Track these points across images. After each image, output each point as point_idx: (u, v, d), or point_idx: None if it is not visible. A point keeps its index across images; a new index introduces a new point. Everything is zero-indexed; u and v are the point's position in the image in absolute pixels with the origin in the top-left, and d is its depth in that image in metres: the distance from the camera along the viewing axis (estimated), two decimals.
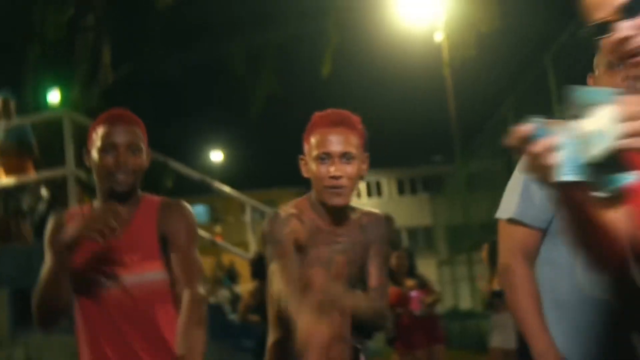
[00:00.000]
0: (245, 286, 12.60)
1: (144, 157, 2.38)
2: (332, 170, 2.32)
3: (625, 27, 1.49)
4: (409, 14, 16.59)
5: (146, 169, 2.45)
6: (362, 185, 36.39)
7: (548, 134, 1.33)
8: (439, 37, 16.53)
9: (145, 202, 2.44)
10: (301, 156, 2.44)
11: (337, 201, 2.36)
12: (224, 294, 12.67)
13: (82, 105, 12.13)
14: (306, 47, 16.14)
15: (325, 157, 2.34)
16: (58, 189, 6.56)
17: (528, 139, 1.34)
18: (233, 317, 7.36)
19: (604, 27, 1.53)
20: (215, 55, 15.78)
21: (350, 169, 2.34)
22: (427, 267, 13.86)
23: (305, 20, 15.33)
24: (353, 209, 2.49)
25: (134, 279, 2.33)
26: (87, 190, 7.10)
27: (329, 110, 2.43)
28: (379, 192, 36.44)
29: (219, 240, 9.21)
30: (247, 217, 7.82)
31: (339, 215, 2.42)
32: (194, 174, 6.83)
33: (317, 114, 2.44)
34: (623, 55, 1.52)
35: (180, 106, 18.84)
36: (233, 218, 28.41)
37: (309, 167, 2.39)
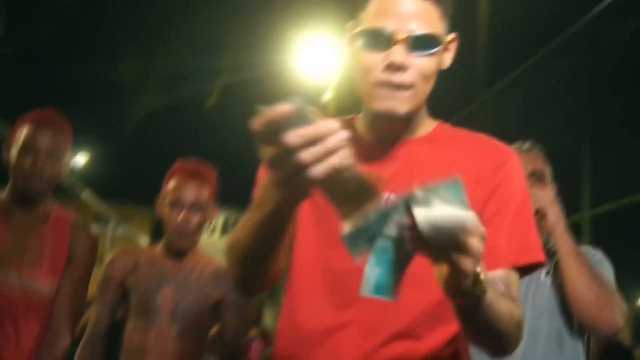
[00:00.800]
0: None
1: (63, 165, 2.38)
2: (181, 216, 2.55)
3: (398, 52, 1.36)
4: (305, 69, 16.85)
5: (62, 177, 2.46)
6: (219, 223, 36.17)
7: (306, 123, 1.02)
8: (327, 97, 16.86)
9: (57, 214, 2.45)
10: (157, 197, 2.66)
11: (180, 245, 2.60)
12: None
13: None
14: (198, 75, 16.09)
15: (177, 203, 2.56)
16: None
17: (280, 125, 1.01)
18: None
19: (374, 36, 1.38)
20: (107, 60, 15.45)
21: (197, 217, 2.58)
22: (266, 317, 13.85)
23: (203, 51, 15.29)
24: (212, 261, 2.71)
25: (36, 286, 2.34)
26: None
27: (190, 161, 2.67)
28: None
29: None
30: (110, 229, 7.73)
31: (182, 256, 2.63)
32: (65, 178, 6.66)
33: (178, 162, 2.67)
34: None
35: (57, 98, 18.26)
36: None
37: (163, 210, 2.61)
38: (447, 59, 1.47)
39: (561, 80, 6.53)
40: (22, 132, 2.34)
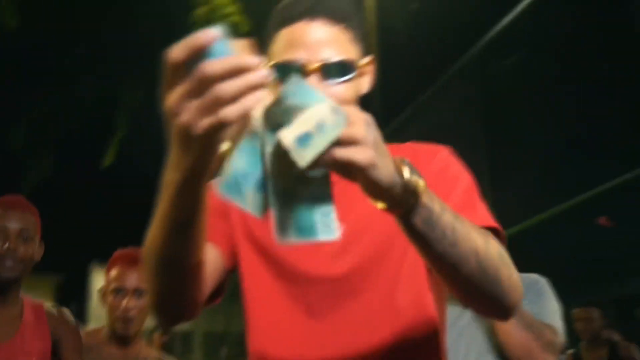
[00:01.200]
0: None
1: (35, 247, 2.30)
2: (124, 303, 2.62)
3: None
4: None
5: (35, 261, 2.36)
6: None
7: (229, 53, 0.86)
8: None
9: (29, 304, 2.36)
10: (101, 287, 2.74)
11: (125, 331, 2.64)
12: None
13: None
14: (92, 133, 15.78)
15: (119, 290, 2.64)
16: None
17: (202, 52, 0.86)
18: None
19: (285, 68, 1.30)
20: None
21: (141, 302, 2.65)
22: None
23: (96, 107, 15.03)
24: (153, 350, 2.81)
25: None
26: None
27: (129, 249, 2.72)
28: None
29: None
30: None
31: (127, 343, 2.68)
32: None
33: (117, 252, 2.73)
34: None
35: None
36: None
37: (106, 298, 2.68)
38: (365, 83, 1.42)
39: (454, 113, 6.74)
40: None
